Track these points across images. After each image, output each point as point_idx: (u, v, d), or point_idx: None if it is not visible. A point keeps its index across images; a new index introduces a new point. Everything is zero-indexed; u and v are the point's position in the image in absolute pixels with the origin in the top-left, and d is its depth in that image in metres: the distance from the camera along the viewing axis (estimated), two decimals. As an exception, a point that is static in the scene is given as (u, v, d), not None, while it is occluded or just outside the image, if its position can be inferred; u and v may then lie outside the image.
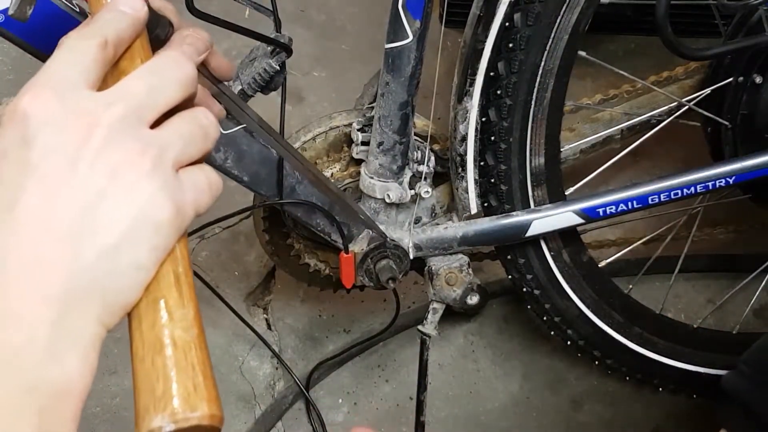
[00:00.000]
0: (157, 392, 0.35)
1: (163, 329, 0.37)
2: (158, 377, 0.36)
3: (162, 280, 0.38)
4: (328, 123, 0.98)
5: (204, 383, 0.36)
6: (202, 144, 0.41)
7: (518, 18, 0.85)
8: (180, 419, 0.35)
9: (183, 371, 0.36)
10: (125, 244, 0.36)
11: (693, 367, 1.13)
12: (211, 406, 0.36)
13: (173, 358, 0.36)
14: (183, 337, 0.37)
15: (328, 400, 1.20)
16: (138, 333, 0.37)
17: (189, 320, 0.38)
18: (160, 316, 0.37)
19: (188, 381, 0.36)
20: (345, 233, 0.94)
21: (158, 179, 0.37)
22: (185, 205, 0.39)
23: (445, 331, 1.26)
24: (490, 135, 0.92)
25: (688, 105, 1.04)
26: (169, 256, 0.39)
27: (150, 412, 0.35)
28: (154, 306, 0.37)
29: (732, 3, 0.91)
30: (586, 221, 0.96)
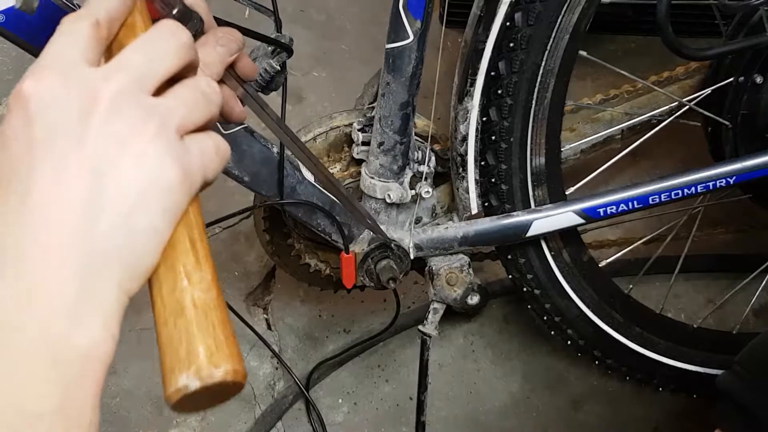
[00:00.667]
0: (181, 353, 0.36)
1: (183, 292, 0.38)
2: (181, 339, 0.37)
3: (178, 245, 0.39)
4: (328, 123, 0.98)
5: (225, 341, 0.37)
6: (205, 110, 0.42)
7: (519, 18, 0.85)
8: (205, 376, 0.36)
9: (205, 331, 0.37)
10: (137, 210, 0.37)
11: (693, 367, 1.13)
12: (233, 362, 0.37)
13: (194, 319, 0.37)
14: (202, 299, 0.38)
15: (328, 400, 1.20)
16: (159, 298, 0.38)
17: (207, 282, 0.39)
18: (179, 280, 0.38)
19: (210, 340, 0.37)
20: (345, 233, 0.93)
21: (163, 144, 0.38)
22: (193, 168, 0.40)
23: (445, 331, 1.26)
24: (491, 135, 0.92)
25: (688, 105, 1.04)
26: (182, 220, 0.39)
27: (176, 372, 0.36)
28: (173, 271, 0.38)
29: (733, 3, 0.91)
30: (587, 221, 0.96)
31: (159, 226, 0.37)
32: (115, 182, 0.36)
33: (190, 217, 0.40)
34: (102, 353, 0.35)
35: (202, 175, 0.41)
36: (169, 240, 0.39)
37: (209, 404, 0.38)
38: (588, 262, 1.05)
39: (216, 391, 0.37)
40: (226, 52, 0.52)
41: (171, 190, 0.38)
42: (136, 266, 0.37)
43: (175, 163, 0.38)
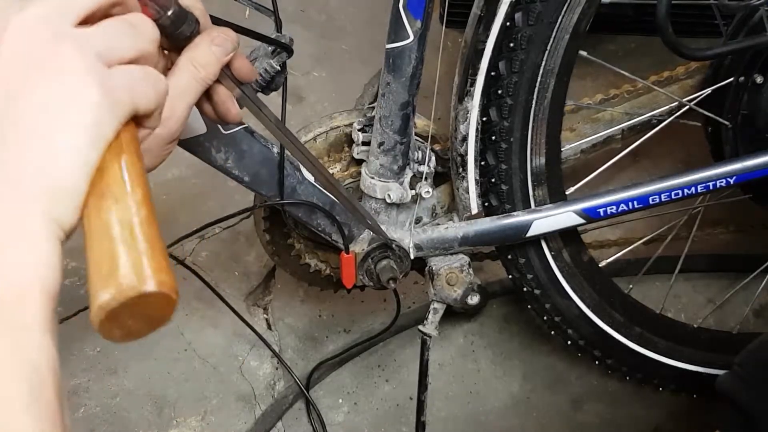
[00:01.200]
0: (104, 270, 0.35)
1: (109, 214, 0.37)
2: (105, 257, 0.36)
3: (107, 171, 0.38)
4: (328, 123, 0.98)
5: (151, 255, 0.36)
6: (132, 41, 0.41)
7: (519, 18, 0.85)
8: (126, 289, 0.35)
9: (129, 248, 0.36)
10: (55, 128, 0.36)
11: (693, 367, 1.13)
12: (159, 274, 0.36)
13: (119, 237, 0.36)
14: (128, 218, 0.37)
15: (328, 400, 1.20)
16: (87, 222, 0.37)
17: (136, 203, 0.38)
18: (105, 203, 0.37)
19: (134, 255, 0.36)
20: (345, 233, 0.93)
21: (80, 65, 0.37)
22: (117, 91, 0.39)
23: (445, 331, 1.26)
24: (491, 135, 0.92)
25: (688, 105, 1.04)
26: (112, 147, 0.39)
27: (99, 288, 0.35)
28: (101, 194, 0.38)
29: (733, 3, 0.91)
30: (587, 221, 0.96)
31: (80, 144, 0.37)
32: (29, 103, 0.36)
33: (121, 144, 0.39)
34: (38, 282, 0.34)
35: (130, 100, 0.40)
36: (98, 168, 0.38)
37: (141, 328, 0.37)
38: (588, 262, 1.05)
39: (144, 309, 0.36)
40: (221, 51, 0.52)
41: (90, 108, 0.37)
42: (61, 190, 0.36)
43: (94, 83, 0.37)
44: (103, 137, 0.38)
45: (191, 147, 0.79)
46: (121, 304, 0.35)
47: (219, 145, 0.81)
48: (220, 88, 0.56)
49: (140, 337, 0.37)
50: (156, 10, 0.49)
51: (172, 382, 1.19)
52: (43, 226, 0.35)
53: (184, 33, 0.51)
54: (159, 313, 0.37)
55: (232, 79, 0.56)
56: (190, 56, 0.51)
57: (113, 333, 0.36)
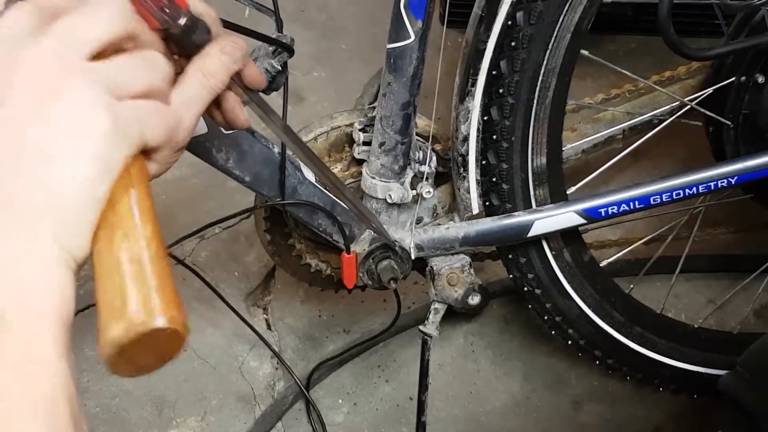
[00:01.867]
0: (115, 305, 0.35)
1: (120, 249, 0.37)
2: (116, 292, 0.36)
3: (117, 205, 0.39)
4: (329, 123, 0.98)
5: (162, 291, 0.36)
6: (143, 75, 0.42)
7: (521, 17, 0.84)
8: (137, 324, 0.35)
9: (140, 283, 0.36)
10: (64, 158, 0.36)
11: (694, 367, 1.13)
12: (170, 310, 0.36)
13: (130, 273, 0.37)
14: (139, 254, 0.37)
15: (328, 400, 1.20)
16: (97, 257, 0.37)
17: (146, 239, 0.38)
18: (116, 238, 0.38)
19: (145, 290, 0.36)
20: (346, 233, 0.93)
21: (91, 97, 0.38)
22: (127, 123, 0.39)
23: (445, 332, 1.26)
24: (492, 134, 0.91)
25: (690, 104, 1.03)
26: (122, 179, 0.39)
27: (109, 323, 0.35)
28: (111, 228, 0.38)
29: (734, 3, 0.91)
30: (588, 221, 0.96)
31: (88, 175, 0.37)
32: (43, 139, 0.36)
33: (130, 177, 0.40)
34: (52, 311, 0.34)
35: (139, 133, 0.40)
36: (108, 201, 0.38)
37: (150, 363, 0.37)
38: (589, 261, 1.04)
39: (154, 344, 0.36)
40: (231, 61, 0.52)
41: (101, 139, 0.37)
42: (71, 220, 0.36)
43: (104, 115, 0.38)
44: (111, 169, 0.38)
45: (192, 147, 0.79)
46: (132, 340, 0.35)
47: (220, 145, 0.81)
48: (229, 94, 0.55)
49: (149, 372, 0.38)
50: (167, 19, 0.49)
51: (171, 383, 1.19)
52: (55, 256, 0.35)
53: (194, 42, 0.51)
54: (168, 349, 0.37)
55: (241, 87, 0.56)
56: (200, 65, 0.51)
57: (122, 368, 0.36)
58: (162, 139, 0.42)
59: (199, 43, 0.51)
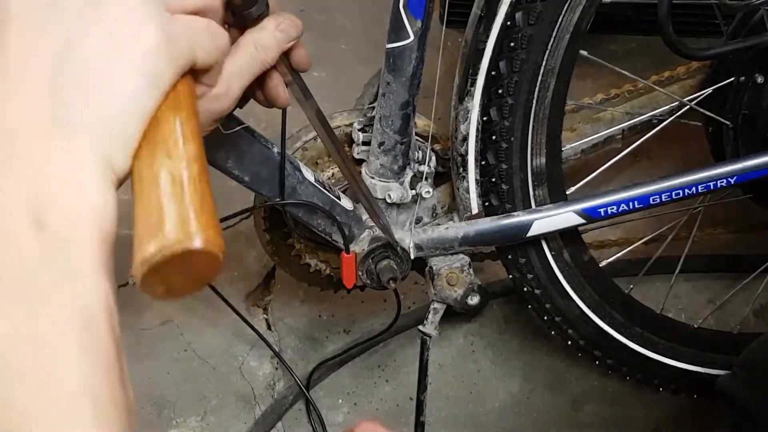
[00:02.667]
0: (151, 222, 0.34)
1: (161, 166, 0.36)
2: (153, 209, 0.35)
3: (162, 122, 0.37)
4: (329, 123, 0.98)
5: (201, 211, 0.35)
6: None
7: (520, 17, 0.84)
8: (172, 244, 0.34)
9: (178, 202, 0.35)
10: (114, 68, 0.35)
11: (693, 367, 1.13)
12: (207, 231, 0.35)
13: (169, 191, 0.35)
14: (180, 172, 0.36)
15: (328, 400, 1.20)
16: (137, 172, 0.36)
17: (189, 157, 0.37)
18: (158, 155, 0.36)
19: (183, 210, 0.35)
20: (346, 233, 0.93)
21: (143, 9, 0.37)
22: (178, 39, 0.38)
23: (445, 332, 1.26)
24: (492, 134, 0.92)
25: (689, 104, 1.03)
26: (168, 98, 0.38)
27: (144, 241, 0.34)
28: (154, 146, 0.37)
29: (733, 3, 0.91)
30: (588, 221, 0.96)
31: (135, 88, 0.36)
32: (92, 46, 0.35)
33: (178, 95, 0.39)
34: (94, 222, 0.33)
35: (189, 48, 0.39)
36: (153, 117, 0.37)
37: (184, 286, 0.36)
38: (588, 261, 1.04)
39: (189, 267, 0.35)
40: (284, 38, 0.52)
41: (151, 52, 0.36)
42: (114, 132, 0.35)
43: (156, 27, 0.37)
44: (160, 85, 0.37)
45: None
46: (166, 259, 0.34)
47: (219, 145, 0.81)
48: (274, 72, 0.55)
49: (181, 296, 0.36)
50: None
51: (171, 383, 1.19)
52: (97, 168, 0.34)
53: (253, 14, 0.51)
54: (203, 272, 0.36)
55: (287, 66, 0.56)
56: (254, 37, 0.51)
57: (155, 288, 0.35)
58: (212, 59, 0.41)
59: (257, 16, 0.51)
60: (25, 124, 0.34)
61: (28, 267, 0.32)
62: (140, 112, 0.36)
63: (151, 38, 0.37)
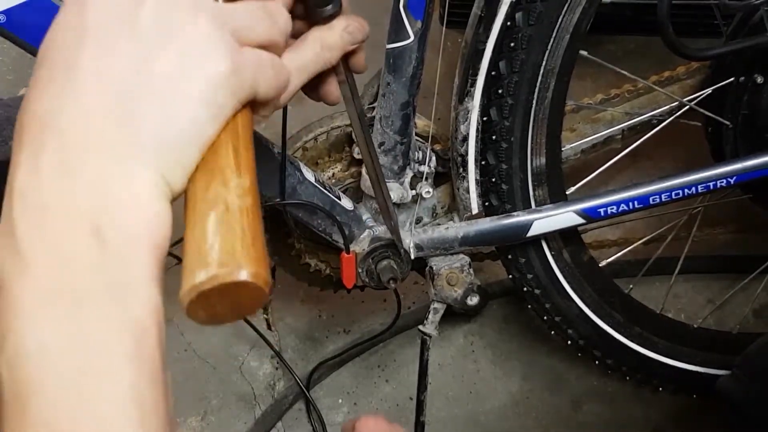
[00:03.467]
0: (202, 250, 0.35)
1: (217, 194, 0.37)
2: (206, 237, 0.35)
3: (220, 150, 0.38)
4: (329, 123, 0.98)
5: (252, 244, 0.36)
6: (268, 27, 0.41)
7: (520, 17, 0.85)
8: (222, 274, 0.34)
9: (231, 232, 0.36)
10: (179, 92, 0.36)
11: (693, 367, 1.13)
12: (257, 265, 0.35)
13: (223, 219, 0.36)
14: (235, 203, 0.37)
15: (328, 400, 1.20)
16: (192, 198, 0.37)
17: (244, 188, 0.38)
18: (214, 183, 0.37)
19: (236, 241, 0.35)
20: (346, 233, 0.93)
21: (215, 37, 0.38)
22: (244, 71, 0.39)
23: (445, 332, 1.26)
24: (492, 134, 0.92)
25: (689, 105, 1.03)
26: (228, 127, 0.39)
27: (194, 269, 0.35)
28: (210, 174, 0.37)
29: (733, 3, 0.91)
30: (587, 221, 0.96)
31: (200, 116, 0.37)
32: (162, 68, 0.36)
33: (237, 126, 0.39)
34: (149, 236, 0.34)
35: (252, 82, 0.40)
36: (211, 145, 0.38)
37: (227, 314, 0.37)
38: (588, 262, 1.05)
39: (234, 297, 0.35)
40: (350, 40, 0.52)
41: (216, 82, 0.37)
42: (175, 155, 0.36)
43: (225, 57, 0.37)
44: (222, 113, 0.38)
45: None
46: (213, 288, 0.34)
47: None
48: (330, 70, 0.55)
49: (223, 323, 0.37)
50: None
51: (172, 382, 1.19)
52: (156, 185, 0.35)
53: (325, 12, 0.51)
54: (247, 303, 0.36)
55: (344, 67, 0.56)
56: (322, 36, 0.51)
57: (199, 314, 0.36)
58: (272, 94, 0.42)
59: (329, 15, 0.51)
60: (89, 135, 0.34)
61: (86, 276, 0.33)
62: (201, 138, 0.37)
63: (220, 67, 0.37)
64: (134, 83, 0.36)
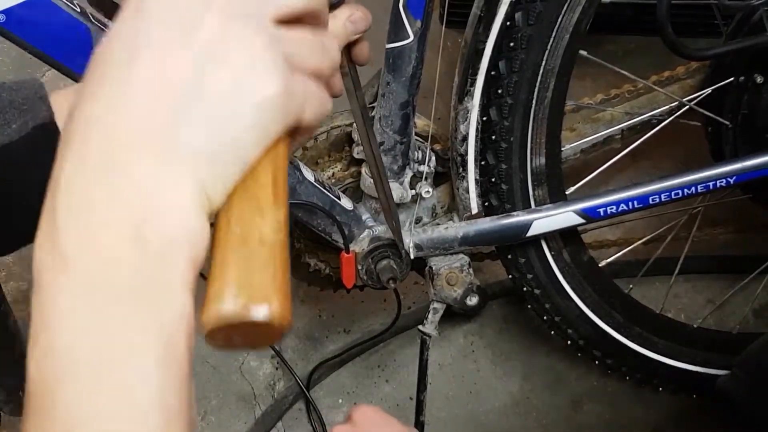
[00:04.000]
0: (234, 279, 0.34)
1: (252, 225, 0.36)
2: (238, 267, 0.35)
3: (259, 177, 0.37)
4: (329, 122, 0.98)
5: (282, 283, 0.35)
6: (319, 58, 0.41)
7: (519, 17, 0.85)
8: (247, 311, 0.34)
9: (264, 267, 0.35)
10: (229, 109, 0.36)
11: (693, 367, 1.13)
12: (283, 307, 0.35)
13: (257, 253, 0.35)
14: (271, 237, 0.36)
15: (328, 400, 1.20)
16: (225, 223, 0.36)
17: (279, 223, 0.37)
18: (250, 212, 0.36)
19: (268, 277, 0.35)
20: (346, 233, 0.93)
21: (271, 60, 0.37)
22: (294, 96, 0.38)
23: (445, 332, 1.26)
24: (491, 134, 0.92)
25: (688, 105, 1.03)
26: (269, 154, 0.38)
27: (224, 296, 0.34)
28: (247, 201, 0.37)
29: (733, 3, 0.91)
30: (587, 221, 0.96)
31: (245, 136, 0.36)
32: (215, 84, 0.36)
33: (278, 153, 0.38)
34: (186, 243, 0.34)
35: (300, 108, 0.39)
36: (251, 169, 0.37)
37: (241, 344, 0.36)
38: (588, 261, 1.05)
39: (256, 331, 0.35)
40: (353, 30, 0.52)
41: (266, 106, 0.36)
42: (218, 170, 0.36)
43: (278, 81, 0.37)
44: (267, 136, 0.37)
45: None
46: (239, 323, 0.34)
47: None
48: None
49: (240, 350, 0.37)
50: None
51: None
52: (197, 195, 0.35)
53: (331, 1, 0.51)
54: (266, 337, 0.36)
55: (347, 57, 0.56)
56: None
57: (216, 340, 0.36)
58: (315, 123, 0.42)
59: (333, 4, 0.51)
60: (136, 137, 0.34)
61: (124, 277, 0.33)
62: (244, 158, 0.37)
63: (272, 89, 0.37)
64: (186, 96, 0.35)
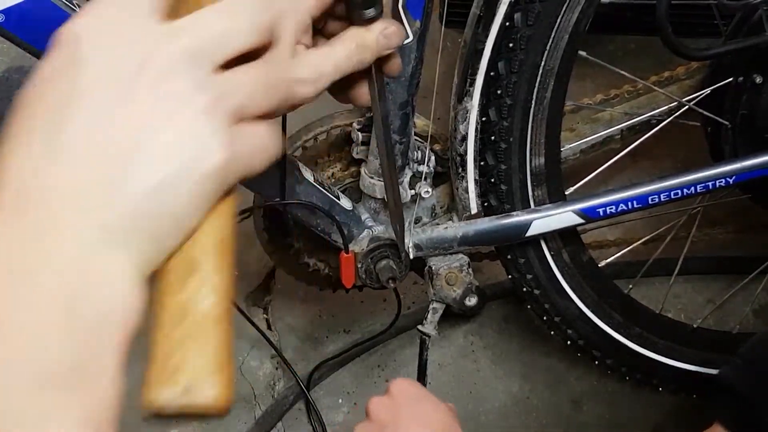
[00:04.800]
0: (170, 365, 0.33)
1: (191, 298, 0.34)
2: (174, 350, 0.33)
3: (201, 240, 0.35)
4: (329, 122, 0.98)
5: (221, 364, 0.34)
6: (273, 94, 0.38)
7: (518, 18, 0.85)
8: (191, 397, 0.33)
9: (202, 347, 0.34)
10: (167, 187, 0.34)
11: (693, 367, 1.13)
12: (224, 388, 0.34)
13: (195, 331, 0.34)
14: (210, 311, 0.34)
15: (328, 400, 1.20)
16: (164, 295, 0.35)
17: (222, 292, 0.35)
18: (190, 282, 0.34)
19: (205, 359, 0.34)
20: (345, 233, 0.94)
21: (212, 124, 0.35)
22: (238, 160, 0.36)
23: (445, 331, 1.26)
24: (491, 135, 0.92)
25: (688, 105, 1.03)
26: (214, 213, 0.36)
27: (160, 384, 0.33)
28: (188, 266, 0.35)
29: (732, 3, 0.91)
30: (586, 221, 0.96)
31: (185, 205, 0.34)
32: (153, 150, 0.33)
33: (223, 213, 0.36)
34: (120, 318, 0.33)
35: (245, 168, 0.37)
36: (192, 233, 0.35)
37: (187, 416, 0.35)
38: (588, 262, 1.05)
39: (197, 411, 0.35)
40: (386, 44, 0.51)
41: (207, 176, 0.34)
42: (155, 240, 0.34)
43: (220, 149, 0.35)
44: (208, 203, 0.35)
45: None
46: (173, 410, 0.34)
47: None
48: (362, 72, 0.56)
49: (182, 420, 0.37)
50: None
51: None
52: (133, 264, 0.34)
53: (367, 14, 0.51)
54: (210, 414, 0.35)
55: (376, 70, 0.56)
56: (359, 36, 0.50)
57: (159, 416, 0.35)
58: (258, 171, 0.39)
59: (369, 18, 0.51)
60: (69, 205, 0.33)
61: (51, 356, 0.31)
62: (184, 227, 0.35)
63: (215, 159, 0.35)
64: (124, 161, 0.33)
